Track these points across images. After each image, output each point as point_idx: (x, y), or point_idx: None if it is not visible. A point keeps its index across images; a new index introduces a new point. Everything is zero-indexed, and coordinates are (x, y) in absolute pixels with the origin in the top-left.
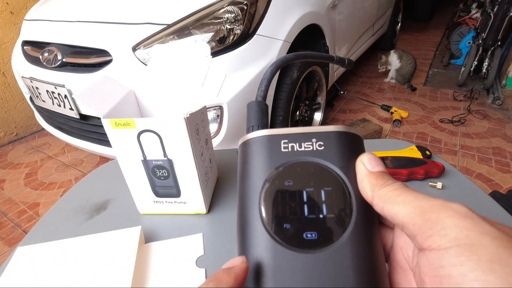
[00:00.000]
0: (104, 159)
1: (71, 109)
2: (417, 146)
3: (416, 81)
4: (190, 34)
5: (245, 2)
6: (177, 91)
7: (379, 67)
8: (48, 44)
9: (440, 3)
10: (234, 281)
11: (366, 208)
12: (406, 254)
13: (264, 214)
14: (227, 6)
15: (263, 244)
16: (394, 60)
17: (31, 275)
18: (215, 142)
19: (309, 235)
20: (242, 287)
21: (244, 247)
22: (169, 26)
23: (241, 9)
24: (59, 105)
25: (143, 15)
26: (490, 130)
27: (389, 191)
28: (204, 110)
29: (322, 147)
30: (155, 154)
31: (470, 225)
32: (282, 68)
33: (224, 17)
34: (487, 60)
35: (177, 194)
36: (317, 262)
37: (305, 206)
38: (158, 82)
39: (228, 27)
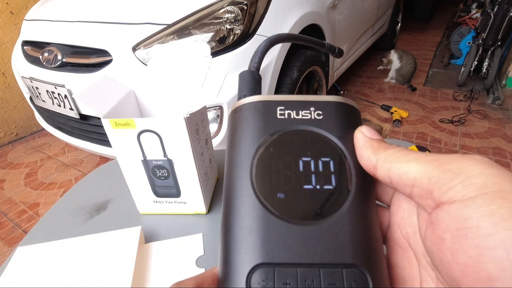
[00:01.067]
0: (104, 159)
1: (71, 109)
2: (417, 146)
3: (416, 81)
4: (190, 34)
5: (245, 2)
6: (177, 91)
7: (383, 67)
8: (48, 44)
9: (440, 3)
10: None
11: (365, 181)
12: (404, 231)
13: (256, 182)
14: (227, 6)
15: (255, 215)
16: (394, 60)
17: (31, 275)
18: (215, 142)
19: (304, 206)
20: None
21: (233, 217)
22: (169, 26)
23: (241, 9)
24: (59, 105)
25: (143, 15)
26: (490, 130)
27: (396, 151)
28: (204, 110)
29: (321, 116)
30: (155, 154)
31: (497, 173)
32: (282, 39)
33: (224, 17)
34: (487, 60)
35: (177, 194)
36: (313, 235)
37: (301, 176)
38: (158, 82)
39: (228, 27)
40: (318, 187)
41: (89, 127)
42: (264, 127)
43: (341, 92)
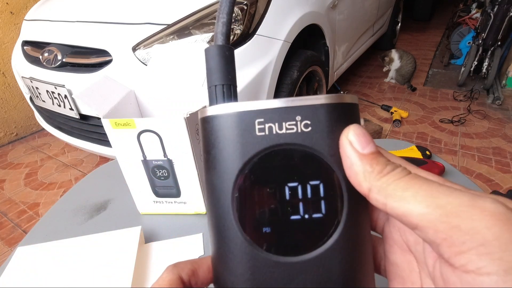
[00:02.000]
0: (104, 159)
1: (71, 109)
2: (417, 146)
3: (416, 81)
4: (190, 34)
5: (245, 2)
6: (177, 91)
7: (386, 66)
8: (48, 44)
9: (440, 3)
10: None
11: (359, 204)
12: (405, 237)
13: (239, 218)
14: None
15: (240, 252)
16: (394, 60)
17: (31, 275)
18: None
19: (292, 239)
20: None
21: (221, 259)
22: (169, 26)
23: (241, 9)
24: (59, 105)
25: (143, 15)
26: (490, 130)
27: (391, 183)
28: None
29: (309, 128)
30: (155, 154)
31: None
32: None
33: None
34: (487, 60)
35: (177, 194)
36: (302, 268)
37: (288, 205)
38: (158, 82)
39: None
40: (306, 216)
41: (89, 127)
42: (241, 151)
43: (341, 92)
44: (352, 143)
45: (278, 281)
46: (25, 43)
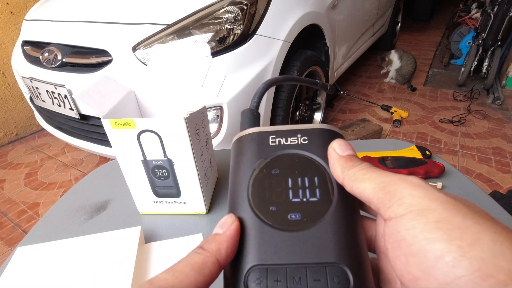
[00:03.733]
0: (104, 159)
1: (71, 109)
2: (417, 146)
3: (416, 81)
4: (190, 34)
5: (245, 2)
6: (177, 91)
7: (384, 67)
8: (48, 44)
9: (440, 3)
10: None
11: (345, 192)
12: (383, 240)
13: (252, 199)
14: (227, 6)
15: (251, 225)
16: (394, 60)
17: (31, 275)
18: (215, 142)
19: (293, 216)
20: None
21: None
22: (169, 26)
23: (241, 9)
24: (59, 105)
25: (143, 15)
26: (490, 130)
27: (356, 171)
28: (204, 110)
29: (306, 141)
30: (155, 154)
31: (422, 193)
32: (278, 82)
33: (224, 17)
34: (487, 60)
35: (177, 194)
36: (300, 239)
37: (290, 191)
38: (158, 82)
39: (228, 27)
40: (304, 199)
41: (89, 127)
42: (258, 153)
43: (341, 92)
44: (335, 149)
45: (280, 251)
46: (25, 43)
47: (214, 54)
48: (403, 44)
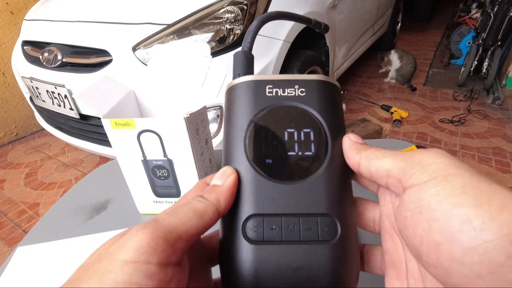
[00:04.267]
0: (104, 159)
1: (71, 109)
2: (417, 146)
3: (416, 81)
4: (190, 34)
5: (245, 2)
6: (177, 91)
7: (383, 67)
8: (48, 44)
9: (440, 3)
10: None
11: (339, 149)
12: (391, 220)
13: (248, 151)
14: (227, 6)
15: (248, 177)
16: (394, 60)
17: (31, 275)
18: (215, 142)
19: (288, 169)
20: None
21: None
22: (169, 26)
23: (241, 9)
24: (59, 105)
25: (143, 15)
26: (490, 130)
27: (374, 150)
28: (204, 110)
29: (304, 93)
30: (155, 154)
31: (447, 161)
32: (272, 18)
33: (224, 17)
34: (487, 60)
35: (177, 194)
36: (295, 191)
37: (286, 144)
38: (158, 82)
39: (228, 27)
40: (300, 153)
41: (89, 127)
42: (255, 104)
43: (341, 92)
44: (350, 138)
45: (275, 202)
46: (25, 43)
47: (214, 54)
48: (403, 44)
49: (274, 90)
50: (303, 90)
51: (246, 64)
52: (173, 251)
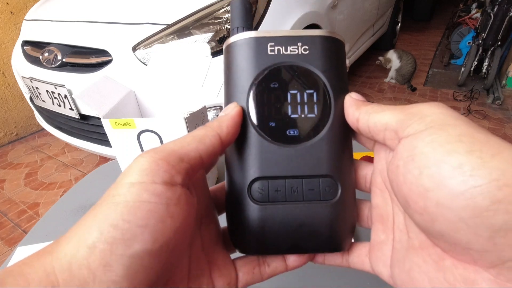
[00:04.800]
0: (104, 159)
1: (71, 109)
2: None
3: (416, 81)
4: (190, 34)
5: None
6: (177, 91)
7: (385, 67)
8: (48, 44)
9: (440, 3)
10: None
11: (342, 111)
12: (383, 175)
13: (251, 114)
14: (227, 6)
15: (252, 141)
16: (394, 60)
17: None
18: None
19: (291, 132)
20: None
21: (235, 144)
22: (169, 26)
23: None
24: (59, 105)
25: (143, 15)
26: (490, 130)
27: (374, 106)
28: (204, 110)
29: (307, 51)
30: None
31: (446, 111)
32: None
33: (224, 17)
34: (487, 60)
35: None
36: (297, 153)
37: (289, 107)
38: (158, 82)
39: (228, 27)
40: (302, 115)
41: (89, 127)
42: (256, 64)
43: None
44: (351, 96)
45: (279, 164)
46: (25, 43)
47: (214, 54)
48: (403, 44)
49: (276, 48)
50: (306, 47)
51: (244, 15)
52: (176, 171)
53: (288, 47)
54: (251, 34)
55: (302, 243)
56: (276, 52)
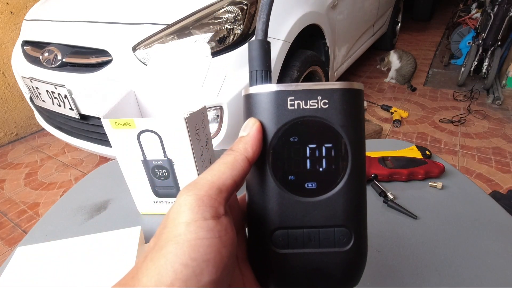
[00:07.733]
0: (104, 159)
1: (71, 109)
2: (417, 146)
3: (416, 81)
4: (190, 34)
5: (245, 2)
6: (177, 91)
7: (381, 68)
8: (48, 44)
9: (440, 3)
10: (250, 146)
11: (359, 164)
12: None
13: (272, 168)
14: (227, 6)
15: (273, 193)
16: (394, 60)
17: (31, 275)
18: (215, 142)
19: (309, 185)
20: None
21: (257, 196)
22: (169, 26)
23: (241, 9)
24: (59, 105)
25: (143, 15)
26: (490, 130)
27: None
28: (204, 110)
29: (327, 105)
30: (155, 154)
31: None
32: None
33: (224, 17)
34: (487, 60)
35: (177, 194)
36: (315, 206)
37: (308, 161)
38: (158, 82)
39: (228, 27)
40: (320, 169)
41: (89, 127)
42: (277, 120)
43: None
44: None
45: (298, 215)
46: (25, 43)
47: (214, 54)
48: (403, 44)
49: (296, 102)
50: (326, 101)
51: (263, 57)
52: (219, 203)
53: (308, 101)
54: (272, 88)
55: (318, 284)
56: (296, 107)
